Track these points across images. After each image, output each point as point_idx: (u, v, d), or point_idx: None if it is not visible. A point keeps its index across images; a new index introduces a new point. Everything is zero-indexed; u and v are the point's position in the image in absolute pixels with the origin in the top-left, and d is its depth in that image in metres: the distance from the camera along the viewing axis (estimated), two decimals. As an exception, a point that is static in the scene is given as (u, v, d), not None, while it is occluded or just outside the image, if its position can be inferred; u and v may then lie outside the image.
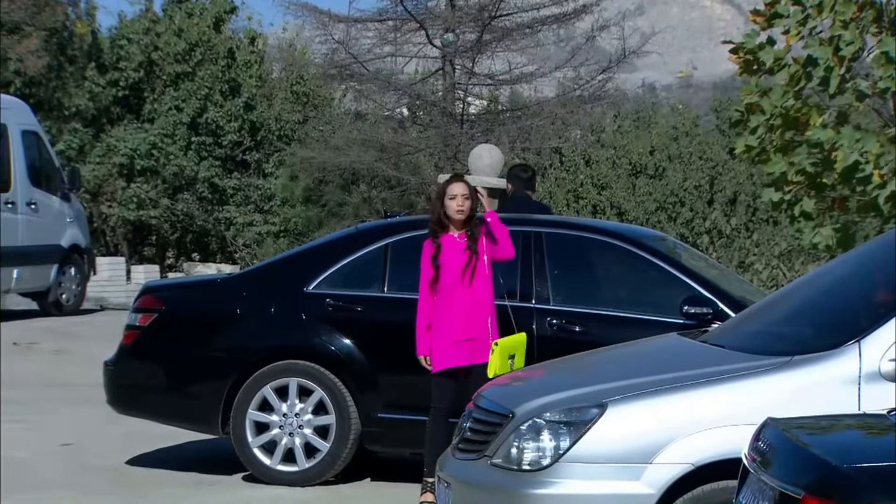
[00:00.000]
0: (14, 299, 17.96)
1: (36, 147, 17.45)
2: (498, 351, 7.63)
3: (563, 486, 5.49)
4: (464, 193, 7.91)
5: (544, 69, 22.73)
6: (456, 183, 8.01)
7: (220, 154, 27.65)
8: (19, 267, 16.63)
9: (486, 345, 7.72)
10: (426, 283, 7.86)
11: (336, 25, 22.53)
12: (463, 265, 7.83)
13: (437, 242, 7.89)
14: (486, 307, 7.81)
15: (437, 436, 7.66)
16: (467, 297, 7.82)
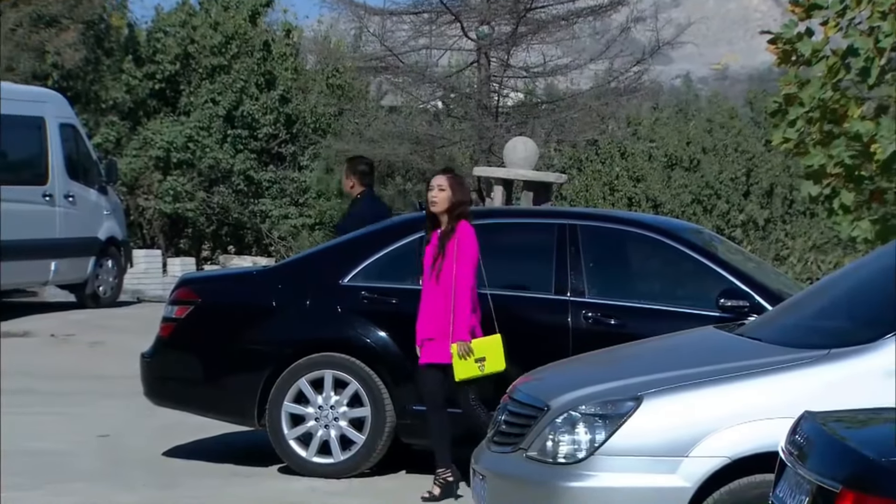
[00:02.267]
0: (52, 291, 18.08)
1: (73, 140, 17.55)
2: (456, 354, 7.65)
3: (599, 479, 5.48)
4: (439, 185, 7.87)
5: (579, 61, 22.66)
6: (436, 175, 8.03)
7: (255, 147, 27.73)
8: (57, 259, 16.74)
9: (445, 346, 7.73)
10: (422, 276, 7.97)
11: (371, 18, 22.54)
12: (431, 262, 7.85)
13: (428, 237, 7.93)
14: (447, 308, 7.73)
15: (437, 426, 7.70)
16: (434, 295, 7.83)
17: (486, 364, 7.73)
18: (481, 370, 7.73)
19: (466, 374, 7.72)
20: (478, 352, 7.74)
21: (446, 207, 7.83)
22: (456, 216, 7.85)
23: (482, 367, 7.73)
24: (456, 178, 7.99)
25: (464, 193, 7.99)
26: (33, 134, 16.84)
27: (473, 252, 7.80)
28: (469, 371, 7.70)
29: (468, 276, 7.74)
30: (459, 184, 7.97)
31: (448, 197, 7.83)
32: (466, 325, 7.72)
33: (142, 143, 26.92)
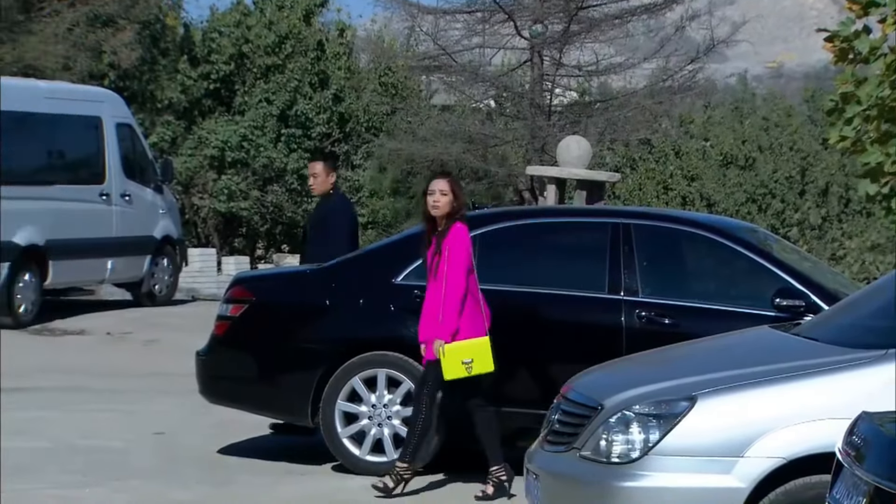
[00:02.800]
0: (108, 290, 18.25)
1: (130, 139, 17.70)
2: (447, 355, 7.68)
3: (653, 479, 5.46)
4: (441, 189, 7.90)
5: (633, 60, 22.58)
6: (436, 179, 8.03)
7: (309, 146, 27.84)
8: (113, 258, 16.89)
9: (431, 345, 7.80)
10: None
11: (424, 17, 22.57)
12: (429, 263, 7.90)
13: (428, 240, 7.97)
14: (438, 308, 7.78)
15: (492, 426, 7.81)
16: (432, 296, 7.89)
17: (473, 365, 7.77)
18: (468, 371, 7.78)
19: (454, 375, 7.78)
20: (466, 353, 7.78)
21: (447, 212, 7.89)
22: (453, 219, 7.90)
23: (469, 369, 7.78)
24: (456, 182, 8.06)
25: (462, 196, 8.09)
26: (90, 133, 17.00)
27: (464, 254, 7.83)
28: (456, 372, 7.77)
29: (457, 278, 7.77)
30: (459, 187, 8.05)
31: (450, 201, 7.89)
32: (451, 327, 7.75)
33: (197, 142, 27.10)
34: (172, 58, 26.75)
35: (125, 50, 23.73)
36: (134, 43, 24.05)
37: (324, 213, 9.90)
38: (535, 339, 8.47)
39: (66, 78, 21.39)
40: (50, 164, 16.59)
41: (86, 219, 16.53)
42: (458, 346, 7.75)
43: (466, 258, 7.81)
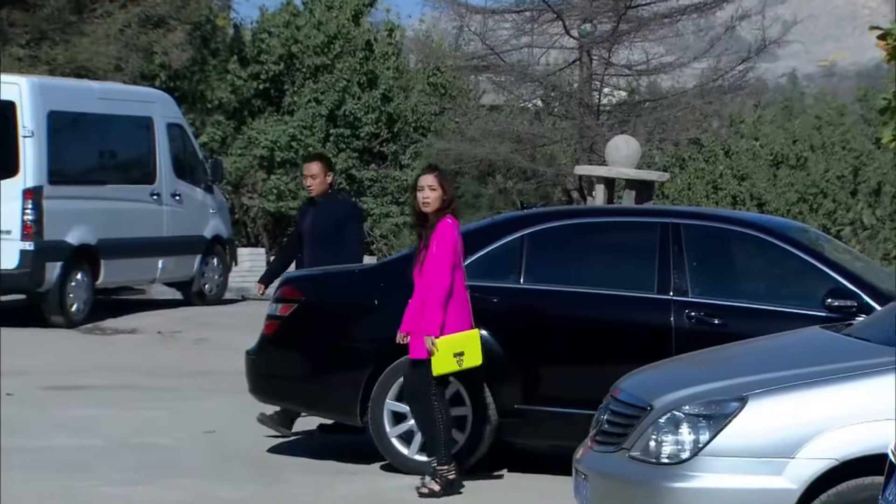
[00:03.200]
0: (159, 289, 18.38)
1: (180, 139, 17.81)
2: (441, 349, 7.68)
3: (703, 480, 5.44)
4: (430, 185, 7.90)
5: (683, 59, 22.46)
6: (424, 175, 8.04)
7: (357, 146, 27.90)
8: (164, 257, 17.01)
9: (419, 340, 7.79)
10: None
11: (473, 16, 22.56)
12: (415, 257, 7.91)
13: (419, 234, 8.00)
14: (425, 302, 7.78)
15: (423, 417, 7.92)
16: (418, 290, 7.90)
17: (464, 358, 7.78)
18: (459, 364, 7.80)
19: (444, 369, 7.79)
20: (457, 346, 7.79)
21: (438, 206, 7.89)
22: (445, 212, 7.91)
23: (460, 362, 7.80)
24: (444, 176, 8.07)
25: (452, 189, 8.08)
26: (142, 134, 17.13)
27: (450, 248, 7.82)
28: (447, 366, 7.78)
29: (441, 272, 7.78)
30: (448, 181, 8.05)
31: (439, 196, 7.90)
32: (437, 321, 7.75)
33: (246, 142, 27.22)
34: (222, 58, 26.89)
35: (176, 51, 23.87)
36: (185, 44, 24.19)
37: (332, 215, 9.76)
38: (584, 339, 8.45)
39: (118, 78, 21.56)
40: (102, 164, 16.72)
41: (137, 218, 16.66)
42: (449, 339, 7.78)
43: (452, 253, 7.83)
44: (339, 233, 9.66)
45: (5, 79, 15.73)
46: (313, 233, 9.73)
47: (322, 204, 9.83)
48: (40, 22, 22.85)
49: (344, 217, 9.82)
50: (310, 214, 9.91)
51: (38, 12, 22.81)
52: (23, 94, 15.15)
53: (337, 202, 9.97)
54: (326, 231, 9.68)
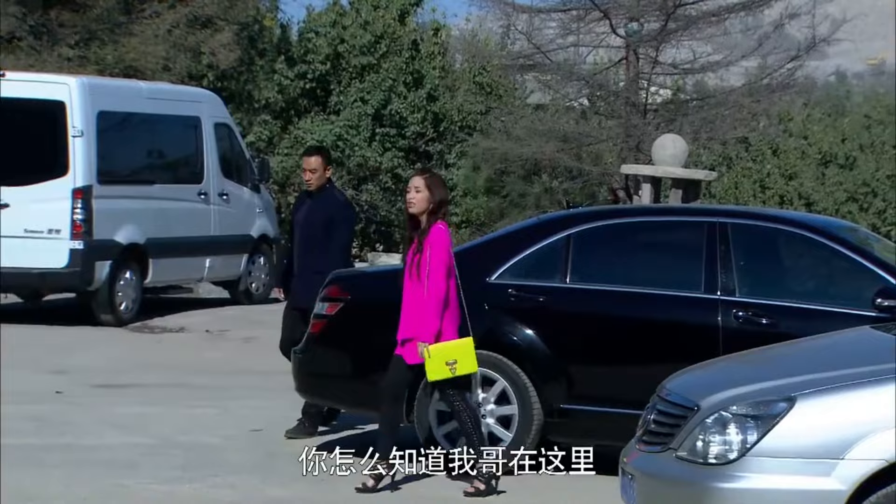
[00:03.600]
0: (206, 288, 18.49)
1: (227, 139, 17.91)
2: (433, 357, 7.71)
3: (751, 481, 5.41)
4: (416, 186, 7.91)
5: (730, 58, 22.33)
6: (414, 176, 8.06)
7: (403, 145, 27.95)
8: (211, 256, 17.11)
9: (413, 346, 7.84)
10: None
11: (519, 16, 22.54)
12: (409, 261, 7.90)
13: (410, 237, 8.00)
14: (421, 308, 7.79)
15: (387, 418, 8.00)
16: (413, 295, 7.88)
17: (457, 366, 7.81)
18: (452, 372, 7.82)
19: (438, 376, 7.82)
20: (450, 354, 7.81)
21: (424, 209, 7.88)
22: (436, 216, 7.90)
23: (453, 370, 7.82)
24: (433, 178, 8.04)
25: (442, 193, 8.00)
26: (190, 133, 17.24)
27: (445, 254, 7.82)
28: (440, 373, 7.81)
29: (438, 280, 7.78)
30: (437, 184, 8.00)
31: (426, 198, 7.88)
32: (433, 328, 7.78)
33: (293, 141, 27.33)
34: (269, 58, 27.02)
35: (223, 51, 24.00)
36: (232, 44, 24.32)
37: (324, 212, 9.53)
38: (630, 339, 8.43)
39: (166, 78, 21.71)
40: (150, 163, 16.84)
41: (185, 218, 16.77)
42: (443, 346, 7.80)
43: (448, 258, 7.83)
44: (327, 231, 9.50)
45: (55, 79, 15.89)
46: (304, 227, 9.64)
47: (317, 199, 9.67)
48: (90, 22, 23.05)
49: (335, 216, 9.58)
50: (304, 208, 9.78)
51: (88, 13, 23.00)
52: (72, 94, 15.29)
53: (331, 199, 9.71)
54: (316, 227, 9.52)
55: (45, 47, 22.49)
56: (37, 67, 20.90)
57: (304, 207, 9.75)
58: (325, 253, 9.41)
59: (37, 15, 22.61)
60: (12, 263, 15.02)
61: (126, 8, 23.65)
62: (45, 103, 15.26)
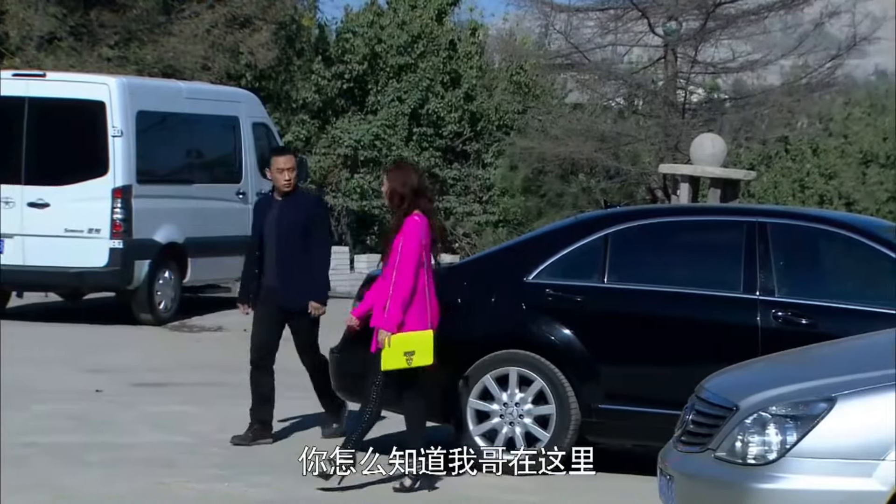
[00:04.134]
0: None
1: (265, 139, 17.95)
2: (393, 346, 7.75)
3: (791, 482, 5.37)
4: (382, 182, 8.04)
5: (770, 57, 22.23)
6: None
7: (440, 144, 27.97)
8: (248, 255, 17.13)
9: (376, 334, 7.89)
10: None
11: (557, 15, 22.52)
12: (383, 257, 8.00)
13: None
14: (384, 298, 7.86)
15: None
16: (381, 287, 7.97)
17: (414, 357, 7.83)
18: (409, 363, 7.85)
19: (392, 365, 7.84)
20: (408, 345, 7.84)
21: (390, 202, 7.97)
22: (403, 209, 7.91)
23: (410, 360, 7.84)
24: (392, 172, 8.08)
25: (403, 183, 7.94)
26: (228, 133, 17.30)
27: (414, 246, 7.83)
28: (396, 362, 7.84)
29: (406, 271, 7.81)
30: (394, 176, 8.00)
31: (386, 191, 7.95)
32: (396, 319, 7.81)
33: (330, 141, 27.41)
34: (307, 58, 27.10)
35: (262, 50, 24.09)
36: (270, 43, 24.41)
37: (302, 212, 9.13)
38: (668, 339, 8.39)
39: (205, 78, 21.81)
40: (189, 163, 16.91)
41: (223, 217, 16.82)
42: (403, 337, 7.83)
43: (417, 251, 7.85)
44: (308, 232, 9.16)
45: (95, 79, 15.98)
46: (281, 230, 9.13)
47: (291, 200, 9.18)
48: (129, 23, 23.19)
49: (315, 215, 9.29)
50: (274, 211, 9.20)
51: (128, 13, 23.14)
52: (112, 94, 15.36)
53: (306, 198, 9.47)
54: (296, 229, 9.11)
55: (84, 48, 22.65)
56: (77, 68, 21.06)
57: (275, 210, 9.18)
58: (309, 254, 9.15)
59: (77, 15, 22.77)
60: (53, 262, 15.12)
61: (165, 8, 23.79)
62: (85, 103, 15.34)
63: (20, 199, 15.21)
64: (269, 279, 9.23)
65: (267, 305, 9.31)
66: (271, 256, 9.19)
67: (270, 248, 9.19)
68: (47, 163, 15.36)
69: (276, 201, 9.26)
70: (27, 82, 15.64)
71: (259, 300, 9.35)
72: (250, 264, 9.42)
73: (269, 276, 9.23)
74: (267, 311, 9.33)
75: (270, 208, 9.28)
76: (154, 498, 7.75)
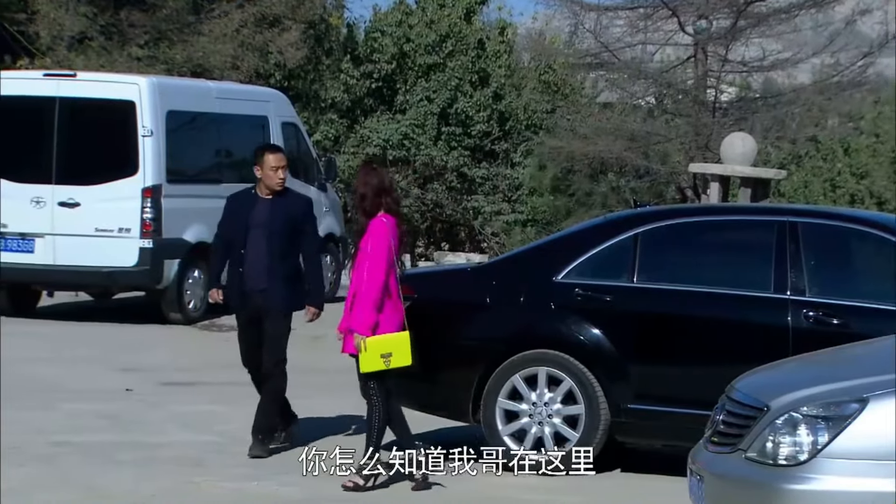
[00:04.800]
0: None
1: (294, 138, 17.98)
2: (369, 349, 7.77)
3: (822, 483, 5.34)
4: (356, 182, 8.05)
5: (800, 55, 22.11)
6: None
7: (468, 144, 27.95)
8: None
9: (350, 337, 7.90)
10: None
11: (587, 14, 22.48)
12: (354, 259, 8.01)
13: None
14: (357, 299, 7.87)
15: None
16: (352, 289, 7.97)
17: (392, 359, 7.86)
18: (387, 364, 7.86)
19: (371, 368, 7.86)
20: (385, 347, 7.86)
21: (359, 204, 7.97)
22: (367, 210, 7.93)
23: (387, 362, 7.86)
24: (359, 173, 8.09)
25: (365, 183, 7.95)
26: (257, 132, 17.32)
27: (384, 247, 7.85)
28: (374, 365, 7.86)
29: (376, 272, 7.82)
30: (360, 179, 8.01)
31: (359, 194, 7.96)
32: (369, 321, 7.81)
33: (359, 140, 27.43)
34: (336, 57, 27.13)
35: (291, 50, 24.14)
36: (299, 43, 24.45)
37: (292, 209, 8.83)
38: (698, 339, 8.36)
39: (234, 77, 21.86)
40: (218, 162, 16.95)
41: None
42: (379, 339, 7.84)
43: (386, 252, 7.87)
44: (296, 232, 8.81)
45: (125, 79, 16.04)
46: (273, 230, 8.74)
47: (282, 199, 8.86)
48: (159, 22, 23.28)
49: (307, 215, 8.98)
50: (261, 209, 8.80)
51: (158, 13, 23.24)
52: (142, 93, 15.42)
53: (297, 197, 9.08)
54: (285, 228, 8.75)
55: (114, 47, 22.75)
56: (106, 67, 21.15)
57: (262, 208, 8.81)
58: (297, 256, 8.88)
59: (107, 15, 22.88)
60: (83, 262, 15.18)
61: (195, 8, 23.86)
62: (116, 103, 15.40)
63: (51, 199, 15.28)
64: (255, 281, 8.74)
65: (248, 310, 8.88)
66: (259, 256, 8.72)
67: (258, 247, 8.73)
68: (78, 162, 15.43)
69: (262, 199, 8.84)
70: (58, 82, 15.72)
71: (241, 305, 8.90)
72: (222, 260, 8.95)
73: (253, 278, 8.75)
74: (249, 317, 8.92)
75: (255, 206, 8.84)
76: (184, 497, 7.78)
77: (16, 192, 15.27)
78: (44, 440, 8.97)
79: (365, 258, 7.88)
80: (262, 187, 8.89)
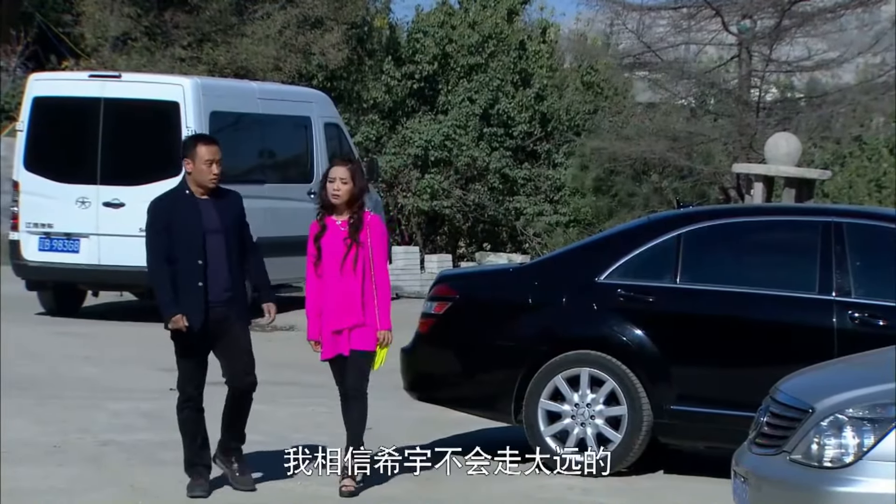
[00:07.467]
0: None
1: (337, 139, 18.03)
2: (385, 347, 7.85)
3: (868, 485, 5.30)
4: (342, 177, 7.90)
5: (846, 55, 21.95)
6: (335, 167, 8.03)
7: (510, 145, 27.94)
8: (320, 255, 17.20)
9: (372, 332, 7.86)
10: (310, 266, 8.08)
11: (629, 14, 22.42)
12: (342, 255, 7.89)
13: (323, 224, 8.05)
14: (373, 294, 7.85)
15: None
16: (347, 286, 7.88)
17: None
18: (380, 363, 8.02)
19: (378, 365, 7.97)
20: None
21: (347, 199, 7.92)
22: (359, 206, 7.94)
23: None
24: (356, 168, 8.05)
25: (362, 182, 8.03)
26: (300, 133, 17.39)
27: (386, 244, 7.99)
28: (381, 360, 7.96)
29: (385, 269, 7.94)
30: (359, 174, 8.03)
31: (349, 189, 7.90)
32: (390, 315, 7.93)
33: (401, 141, 27.46)
34: (378, 58, 27.18)
35: (333, 51, 24.22)
36: (341, 44, 24.52)
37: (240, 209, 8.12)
38: (742, 340, 8.32)
39: (277, 78, 21.95)
40: (261, 163, 17.01)
41: (294, 217, 16.88)
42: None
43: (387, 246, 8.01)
44: (243, 234, 8.10)
45: (169, 80, 16.14)
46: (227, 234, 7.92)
47: (222, 198, 8.04)
48: (202, 24, 23.42)
49: (242, 206, 8.19)
50: (207, 210, 7.89)
51: (201, 14, 23.37)
52: (186, 94, 15.50)
53: (233, 195, 8.19)
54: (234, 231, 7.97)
55: (158, 48, 22.90)
56: (149, 68, 21.28)
57: (208, 211, 7.88)
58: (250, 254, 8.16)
59: (151, 16, 23.03)
60: (128, 262, 15.26)
61: (238, 9, 23.98)
62: (160, 104, 15.49)
63: (96, 199, 15.38)
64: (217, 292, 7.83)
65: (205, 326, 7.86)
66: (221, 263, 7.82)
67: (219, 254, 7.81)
68: (122, 163, 15.52)
69: (202, 200, 7.88)
70: (103, 83, 15.82)
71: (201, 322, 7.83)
72: (172, 280, 7.76)
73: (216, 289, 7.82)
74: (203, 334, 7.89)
75: (198, 209, 7.85)
76: (227, 496, 7.80)
77: (61, 192, 15.38)
78: (91, 439, 9.03)
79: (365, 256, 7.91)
80: (194, 185, 7.90)
